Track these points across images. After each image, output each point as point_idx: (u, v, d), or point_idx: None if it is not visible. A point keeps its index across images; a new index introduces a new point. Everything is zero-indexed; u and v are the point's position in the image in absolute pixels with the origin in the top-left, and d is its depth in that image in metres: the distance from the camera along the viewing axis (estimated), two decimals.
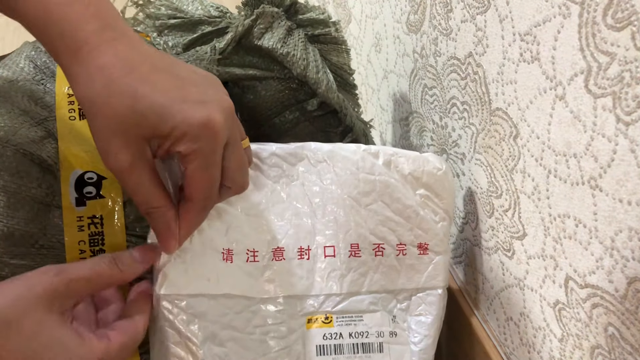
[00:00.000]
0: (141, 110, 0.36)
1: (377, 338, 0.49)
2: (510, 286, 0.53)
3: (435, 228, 0.51)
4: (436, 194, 0.51)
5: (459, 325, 0.62)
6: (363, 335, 0.49)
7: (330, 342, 0.48)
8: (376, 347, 0.49)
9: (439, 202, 0.51)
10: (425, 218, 0.50)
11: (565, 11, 0.38)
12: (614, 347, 0.40)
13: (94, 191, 0.47)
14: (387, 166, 0.50)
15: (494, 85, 0.49)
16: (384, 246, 0.49)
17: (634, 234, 0.36)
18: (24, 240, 0.45)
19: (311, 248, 0.48)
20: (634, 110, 0.34)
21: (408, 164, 0.50)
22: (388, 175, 0.49)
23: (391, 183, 0.49)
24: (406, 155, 0.50)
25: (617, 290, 0.39)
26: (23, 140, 0.46)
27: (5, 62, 0.51)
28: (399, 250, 0.50)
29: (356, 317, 0.49)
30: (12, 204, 0.44)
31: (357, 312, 0.49)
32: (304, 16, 0.54)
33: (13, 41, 1.27)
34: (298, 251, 0.48)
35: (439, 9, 0.56)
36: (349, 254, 0.48)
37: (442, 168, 0.51)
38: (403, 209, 0.50)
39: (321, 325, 0.48)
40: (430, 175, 0.50)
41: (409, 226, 0.50)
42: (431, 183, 0.51)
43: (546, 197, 0.45)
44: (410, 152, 0.51)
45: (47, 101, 0.48)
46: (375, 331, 0.49)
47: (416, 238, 0.50)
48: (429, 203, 0.51)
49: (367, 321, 0.49)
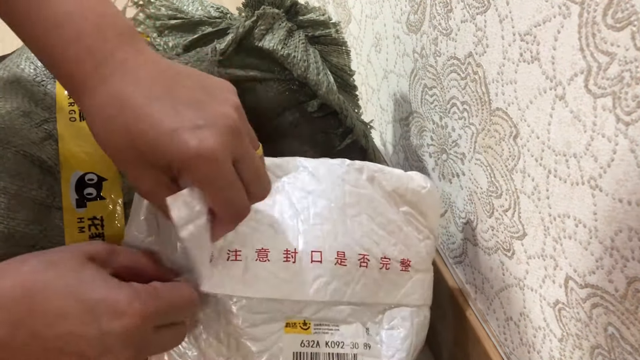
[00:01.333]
0: (138, 146, 0.36)
1: (351, 349, 0.48)
2: (510, 286, 0.53)
3: (418, 246, 0.51)
4: (420, 212, 0.51)
5: (459, 325, 0.62)
6: (339, 345, 0.48)
7: (308, 350, 0.47)
8: (350, 358, 0.48)
9: (423, 220, 0.51)
10: (409, 235, 0.50)
11: (565, 11, 0.38)
12: (613, 347, 0.40)
13: (94, 192, 0.47)
14: (370, 182, 0.50)
15: (494, 85, 0.49)
16: (369, 258, 0.49)
17: (634, 234, 0.36)
18: (24, 242, 0.45)
19: (297, 251, 0.47)
20: (634, 110, 0.34)
21: (391, 181, 0.50)
22: (372, 190, 0.49)
23: (375, 198, 0.49)
24: (390, 173, 0.50)
25: (617, 290, 0.39)
26: (23, 141, 0.46)
27: (5, 63, 0.51)
28: (382, 263, 0.49)
29: (333, 327, 0.48)
30: (13, 205, 0.44)
31: (335, 322, 0.48)
32: (304, 17, 0.54)
33: (13, 42, 1.26)
34: (284, 253, 0.47)
35: (439, 9, 0.56)
36: (335, 261, 0.48)
37: (426, 186, 0.51)
38: (387, 223, 0.49)
39: (300, 331, 0.47)
40: (414, 193, 0.50)
41: (393, 241, 0.50)
42: (415, 201, 0.50)
43: (546, 197, 0.45)
44: (395, 170, 0.51)
45: (48, 102, 0.48)
46: (350, 342, 0.48)
47: (400, 253, 0.50)
48: (413, 221, 0.51)
49: (343, 331, 0.48)
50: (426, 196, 0.51)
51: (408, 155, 0.72)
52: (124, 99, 0.36)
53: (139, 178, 0.38)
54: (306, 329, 0.47)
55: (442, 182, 0.63)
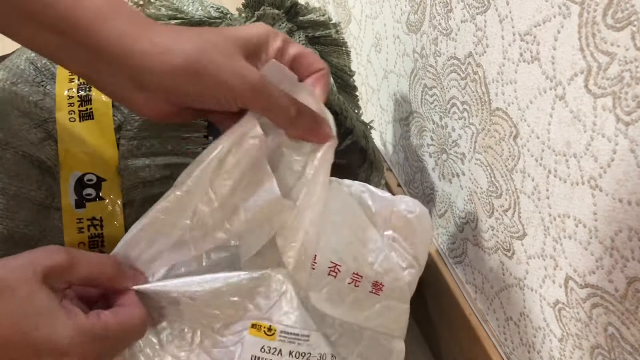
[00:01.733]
0: (232, 37, 0.39)
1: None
2: (510, 286, 0.53)
3: (398, 273, 0.47)
4: (405, 237, 0.47)
5: (458, 325, 0.62)
6: (304, 356, 0.45)
7: (267, 357, 0.45)
8: None
9: (408, 247, 0.47)
10: (390, 260, 0.47)
11: (565, 11, 0.38)
12: (613, 347, 0.40)
13: (93, 193, 0.47)
14: (356, 199, 0.47)
15: (494, 85, 0.49)
16: (340, 269, 0.46)
17: (634, 234, 0.36)
18: (23, 242, 0.45)
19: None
20: (634, 110, 0.34)
21: (377, 202, 0.47)
22: (357, 208, 0.47)
23: (359, 215, 0.46)
24: (377, 193, 0.47)
25: (617, 290, 0.39)
26: (23, 142, 0.46)
27: (5, 64, 0.51)
28: (352, 279, 0.46)
29: (302, 337, 0.45)
30: (12, 206, 0.44)
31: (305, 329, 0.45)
32: (304, 18, 0.54)
33: (13, 42, 1.26)
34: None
35: (439, 9, 0.56)
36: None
37: (414, 211, 0.47)
38: (369, 241, 0.46)
39: (263, 335, 0.45)
40: (400, 217, 0.47)
41: (370, 260, 0.46)
42: (400, 226, 0.47)
43: (546, 197, 0.45)
44: (385, 192, 0.48)
45: (47, 103, 0.48)
46: (318, 353, 0.45)
47: (375, 275, 0.46)
48: (397, 246, 0.47)
49: (312, 341, 0.45)
50: (413, 222, 0.47)
51: (408, 155, 0.72)
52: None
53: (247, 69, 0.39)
54: (270, 335, 0.45)
55: (442, 182, 0.63)
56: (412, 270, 0.48)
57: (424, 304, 0.71)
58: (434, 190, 0.65)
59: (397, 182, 0.76)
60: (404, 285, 0.48)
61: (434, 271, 0.66)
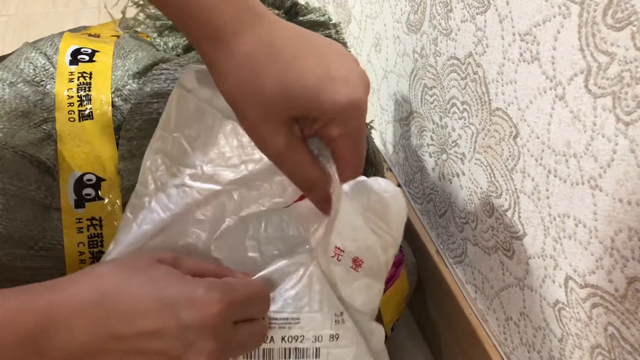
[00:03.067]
0: (292, 94, 0.36)
1: (313, 343, 0.45)
2: (510, 286, 0.53)
3: (376, 250, 0.47)
4: (382, 218, 0.47)
5: (459, 325, 0.62)
6: (297, 339, 0.45)
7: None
8: (312, 353, 0.45)
9: (386, 227, 0.47)
10: (369, 238, 0.47)
11: (565, 11, 0.38)
12: (613, 347, 0.40)
13: (92, 193, 0.47)
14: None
15: (494, 85, 0.49)
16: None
17: (634, 234, 0.36)
18: (23, 242, 0.45)
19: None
20: (634, 110, 0.34)
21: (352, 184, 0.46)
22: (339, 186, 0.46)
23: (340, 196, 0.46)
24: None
25: (617, 290, 0.39)
26: (22, 142, 0.46)
27: (5, 64, 0.51)
28: (335, 253, 0.46)
29: (292, 320, 0.45)
30: (11, 206, 0.44)
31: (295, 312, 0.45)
32: (304, 18, 0.54)
33: (13, 41, 1.26)
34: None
35: (439, 9, 0.56)
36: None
37: (389, 191, 0.47)
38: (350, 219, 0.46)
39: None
40: (376, 197, 0.47)
41: (353, 236, 0.46)
42: (376, 207, 0.47)
43: (546, 197, 0.45)
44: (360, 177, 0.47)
45: (47, 103, 0.48)
46: (312, 335, 0.45)
47: (356, 250, 0.46)
48: (374, 227, 0.47)
49: (303, 324, 0.45)
50: (389, 201, 0.47)
51: (408, 155, 0.72)
52: (276, 48, 0.37)
53: (276, 133, 0.38)
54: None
55: (442, 182, 0.63)
56: (391, 250, 0.48)
57: (424, 304, 0.71)
58: (434, 190, 0.65)
59: (397, 182, 0.76)
60: (382, 265, 0.48)
61: (434, 271, 0.66)
